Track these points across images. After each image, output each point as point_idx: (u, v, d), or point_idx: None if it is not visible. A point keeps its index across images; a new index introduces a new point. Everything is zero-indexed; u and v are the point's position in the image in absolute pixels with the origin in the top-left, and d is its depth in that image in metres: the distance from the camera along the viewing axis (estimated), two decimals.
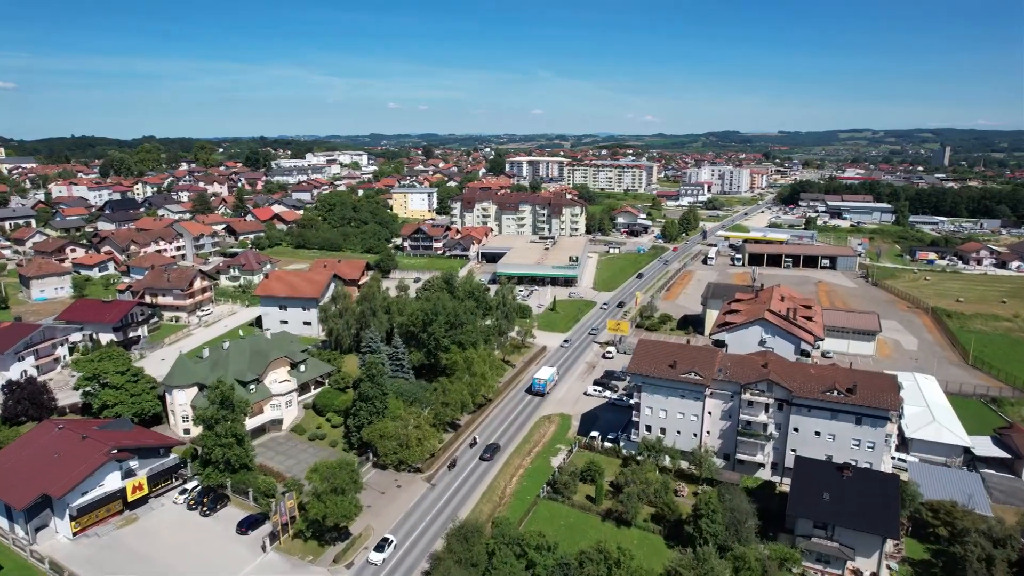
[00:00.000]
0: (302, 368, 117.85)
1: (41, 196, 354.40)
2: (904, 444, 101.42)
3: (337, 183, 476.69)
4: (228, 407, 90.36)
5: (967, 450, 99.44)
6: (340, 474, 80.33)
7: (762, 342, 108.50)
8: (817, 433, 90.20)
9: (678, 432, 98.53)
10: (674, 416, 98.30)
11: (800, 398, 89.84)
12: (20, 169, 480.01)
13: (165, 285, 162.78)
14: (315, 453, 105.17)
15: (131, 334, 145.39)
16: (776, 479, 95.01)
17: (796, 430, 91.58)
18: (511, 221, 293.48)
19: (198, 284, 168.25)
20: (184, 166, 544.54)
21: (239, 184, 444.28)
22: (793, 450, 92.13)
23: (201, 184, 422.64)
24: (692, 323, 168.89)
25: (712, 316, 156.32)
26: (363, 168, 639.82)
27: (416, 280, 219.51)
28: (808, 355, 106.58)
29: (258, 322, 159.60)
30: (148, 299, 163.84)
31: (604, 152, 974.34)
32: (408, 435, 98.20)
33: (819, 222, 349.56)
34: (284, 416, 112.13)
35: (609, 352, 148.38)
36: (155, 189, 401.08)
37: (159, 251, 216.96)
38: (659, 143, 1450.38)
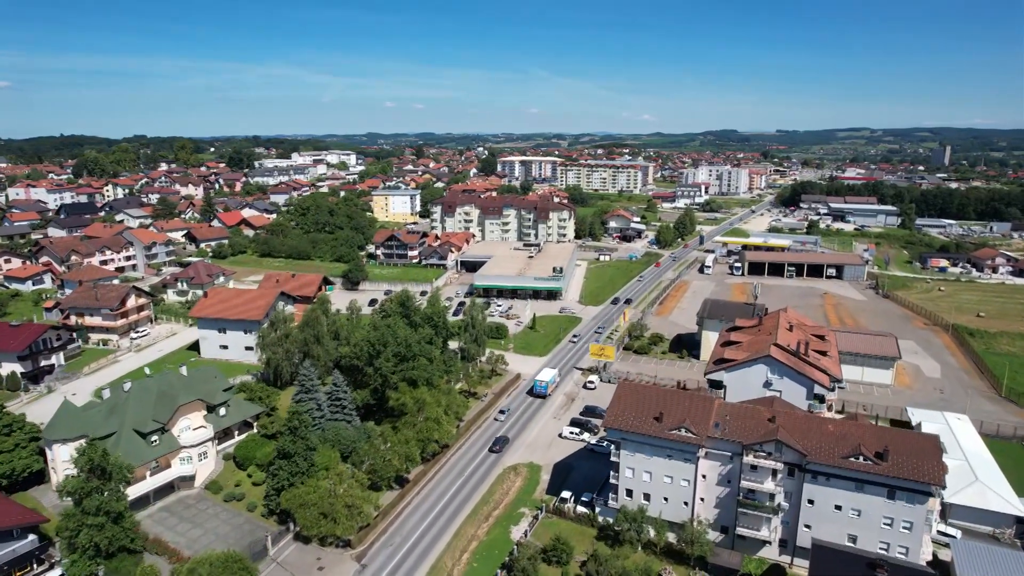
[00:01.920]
0: (222, 411, 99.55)
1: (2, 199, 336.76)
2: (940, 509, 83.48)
3: (320, 184, 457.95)
4: (102, 475, 72.30)
5: (1020, 519, 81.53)
6: None
7: (767, 383, 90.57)
8: (838, 507, 72.15)
9: (665, 499, 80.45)
10: (660, 480, 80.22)
11: (816, 464, 71.86)
12: None
13: (93, 303, 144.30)
14: (228, 519, 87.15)
15: (43, 362, 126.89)
16: (785, 560, 77.01)
17: (811, 502, 73.53)
18: (495, 226, 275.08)
19: (133, 302, 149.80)
20: (164, 166, 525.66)
21: (216, 186, 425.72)
22: (807, 526, 74.19)
23: (176, 186, 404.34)
24: (687, 344, 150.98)
25: (709, 338, 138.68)
26: (351, 168, 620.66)
27: (386, 293, 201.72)
28: (823, 400, 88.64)
29: (197, 346, 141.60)
30: (74, 319, 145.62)
31: (600, 151, 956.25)
32: (334, 504, 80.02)
33: (821, 225, 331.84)
34: (197, 470, 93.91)
35: (591, 382, 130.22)
36: (127, 191, 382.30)
37: (105, 261, 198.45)
38: (657, 142, 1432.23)
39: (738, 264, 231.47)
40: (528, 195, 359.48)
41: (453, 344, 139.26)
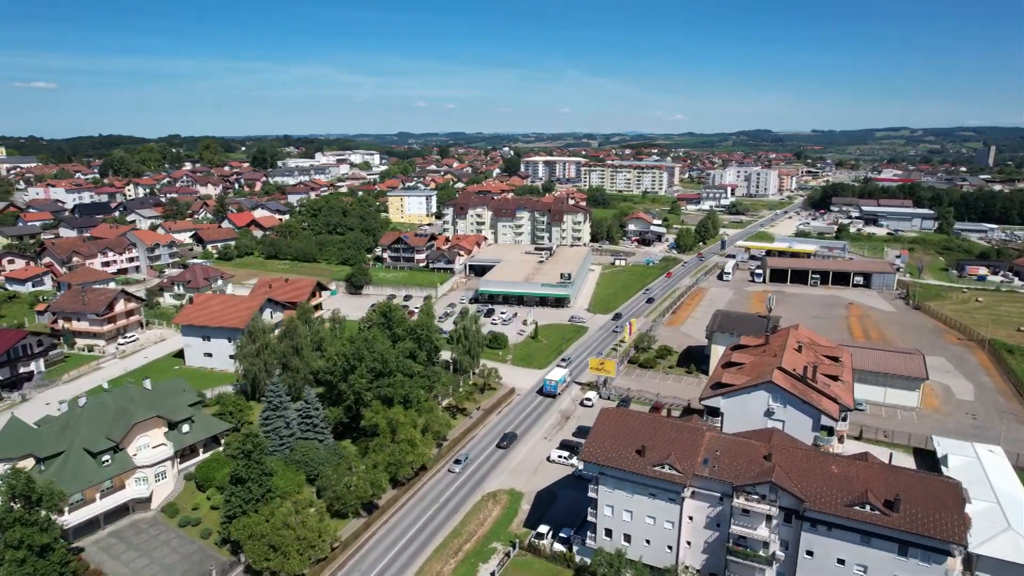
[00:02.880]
0: (185, 428, 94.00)
1: (28, 197, 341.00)
2: (965, 559, 73.49)
3: (339, 184, 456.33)
4: (28, 503, 66.87)
5: None
6: None
7: (769, 412, 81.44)
8: (840, 561, 63.10)
9: (647, 541, 72.13)
10: (642, 520, 71.92)
11: (815, 511, 62.93)
12: (18, 169, 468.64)
13: (80, 308, 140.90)
14: (179, 547, 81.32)
15: (22, 369, 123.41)
16: None
17: (810, 554, 64.60)
18: (508, 229, 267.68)
19: (121, 307, 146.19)
20: (189, 165, 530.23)
21: (236, 186, 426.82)
22: None
23: (197, 186, 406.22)
24: (696, 359, 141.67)
25: (718, 353, 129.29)
26: (375, 168, 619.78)
27: (390, 298, 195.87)
28: (832, 432, 79.17)
29: (182, 354, 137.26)
30: (61, 324, 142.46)
31: (627, 151, 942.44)
32: (284, 536, 73.50)
33: (852, 229, 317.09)
34: (154, 492, 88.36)
35: (588, 399, 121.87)
36: (147, 191, 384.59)
37: (107, 263, 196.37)
38: (688, 142, 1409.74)
39: (759, 271, 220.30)
40: (545, 196, 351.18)
41: (447, 354, 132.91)
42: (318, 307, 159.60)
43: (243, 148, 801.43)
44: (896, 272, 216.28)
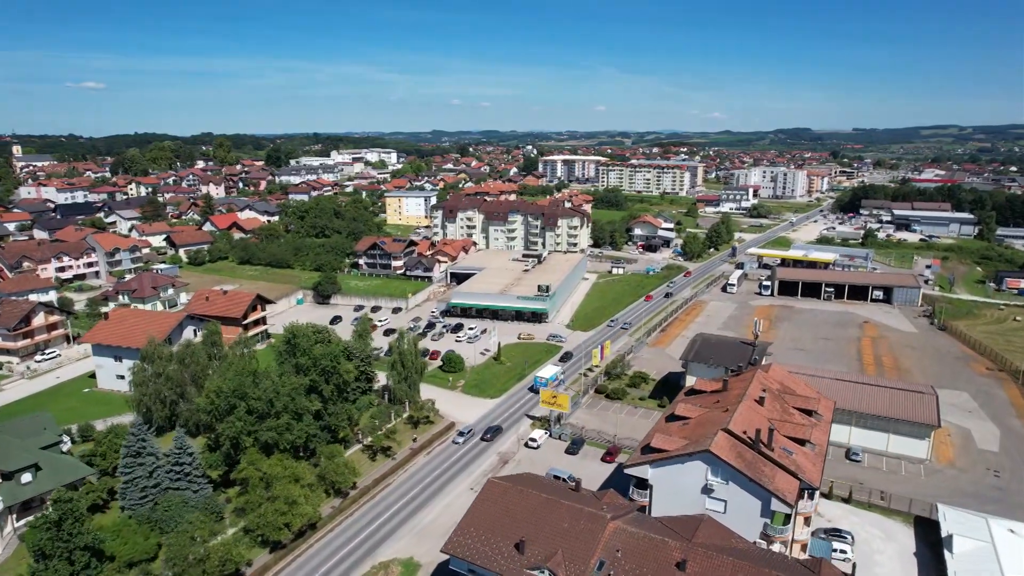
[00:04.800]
0: (26, 477, 79.96)
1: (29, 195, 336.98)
2: None
3: (346, 184, 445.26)
4: None
5: None
6: None
7: (707, 489, 63.28)
8: None
9: None
10: None
11: None
12: (31, 167, 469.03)
13: None
14: None
15: None
16: None
17: None
18: (500, 233, 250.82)
19: (40, 320, 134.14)
20: (201, 164, 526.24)
21: (240, 185, 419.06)
22: None
23: (201, 185, 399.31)
24: (673, 389, 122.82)
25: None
26: (391, 166, 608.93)
27: (356, 309, 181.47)
28: (788, 519, 60.69)
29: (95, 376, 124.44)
30: None
31: (655, 150, 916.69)
32: None
33: (881, 235, 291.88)
34: None
35: (534, 439, 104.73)
36: (149, 190, 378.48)
37: (62, 268, 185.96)
38: (725, 140, 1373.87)
39: (768, 282, 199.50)
40: (551, 196, 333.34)
41: (383, 377, 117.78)
42: (260, 322, 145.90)
43: (272, 145, 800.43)
44: (922, 285, 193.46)
